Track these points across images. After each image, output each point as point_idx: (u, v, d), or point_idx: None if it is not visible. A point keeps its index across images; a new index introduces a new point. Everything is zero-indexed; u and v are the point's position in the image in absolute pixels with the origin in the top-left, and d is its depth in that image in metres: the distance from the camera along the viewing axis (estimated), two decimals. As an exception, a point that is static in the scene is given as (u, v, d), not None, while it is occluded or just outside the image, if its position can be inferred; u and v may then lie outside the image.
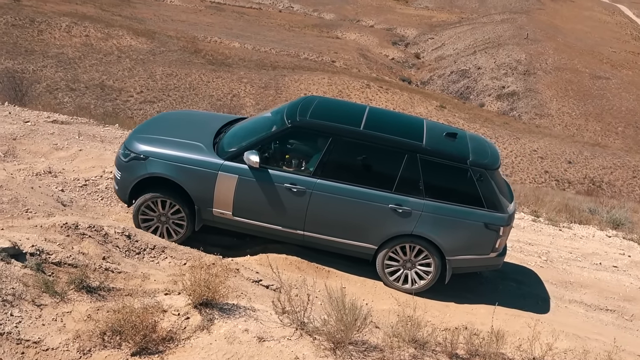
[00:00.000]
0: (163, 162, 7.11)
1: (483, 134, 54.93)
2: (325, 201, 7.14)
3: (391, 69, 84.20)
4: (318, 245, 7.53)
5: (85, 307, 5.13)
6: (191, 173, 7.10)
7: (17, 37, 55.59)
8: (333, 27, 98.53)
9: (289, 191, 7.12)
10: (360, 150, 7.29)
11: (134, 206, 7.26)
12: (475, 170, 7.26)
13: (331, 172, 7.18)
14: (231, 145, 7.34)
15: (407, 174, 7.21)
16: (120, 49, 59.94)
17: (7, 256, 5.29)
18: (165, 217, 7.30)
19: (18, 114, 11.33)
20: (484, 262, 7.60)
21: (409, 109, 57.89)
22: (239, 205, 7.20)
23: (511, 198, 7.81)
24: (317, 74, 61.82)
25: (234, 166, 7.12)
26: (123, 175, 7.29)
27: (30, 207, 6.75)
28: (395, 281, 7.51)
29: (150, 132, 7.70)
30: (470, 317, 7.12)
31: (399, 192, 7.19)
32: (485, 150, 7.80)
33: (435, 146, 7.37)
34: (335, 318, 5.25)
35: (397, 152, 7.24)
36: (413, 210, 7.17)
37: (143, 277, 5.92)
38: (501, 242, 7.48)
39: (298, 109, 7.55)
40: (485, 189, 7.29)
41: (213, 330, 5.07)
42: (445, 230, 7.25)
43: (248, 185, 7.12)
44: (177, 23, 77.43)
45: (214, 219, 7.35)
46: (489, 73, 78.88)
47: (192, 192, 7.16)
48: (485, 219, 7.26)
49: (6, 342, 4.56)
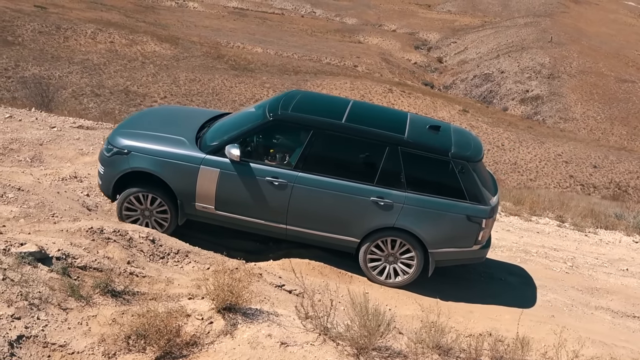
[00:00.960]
0: (145, 157, 7.12)
1: (506, 138, 54.53)
2: (306, 194, 7.14)
3: (413, 73, 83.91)
4: (301, 239, 7.51)
5: (110, 311, 5.17)
6: (173, 167, 7.10)
7: (43, 44, 56.43)
8: (355, 32, 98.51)
9: (270, 185, 7.11)
10: (341, 143, 7.29)
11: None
12: (457, 163, 7.23)
13: (312, 165, 7.18)
14: (213, 140, 7.33)
15: (389, 166, 7.20)
16: (144, 54, 60.55)
17: (34, 260, 5.37)
18: (149, 211, 7.30)
19: (44, 119, 11.49)
20: (467, 254, 7.55)
21: (432, 113, 57.65)
22: (221, 199, 7.20)
23: (495, 191, 7.78)
24: (339, 79, 61.85)
25: (215, 160, 7.12)
26: (106, 170, 7.31)
27: (57, 212, 6.84)
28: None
29: (133, 127, 7.72)
30: (494, 324, 7.05)
31: (381, 185, 7.17)
32: (468, 142, 7.75)
33: (417, 139, 7.35)
34: (359, 323, 5.23)
35: (378, 144, 7.23)
36: (395, 203, 7.14)
37: (167, 282, 5.95)
38: (484, 235, 7.42)
39: (280, 103, 7.55)
40: (467, 181, 7.25)
41: (236, 335, 5.08)
42: (427, 223, 7.23)
43: (230, 179, 7.11)
44: (200, 29, 78.03)
45: (197, 213, 7.35)
46: (512, 77, 78.24)
47: (175, 187, 7.16)
48: (467, 211, 7.22)
49: (33, 345, 4.61)
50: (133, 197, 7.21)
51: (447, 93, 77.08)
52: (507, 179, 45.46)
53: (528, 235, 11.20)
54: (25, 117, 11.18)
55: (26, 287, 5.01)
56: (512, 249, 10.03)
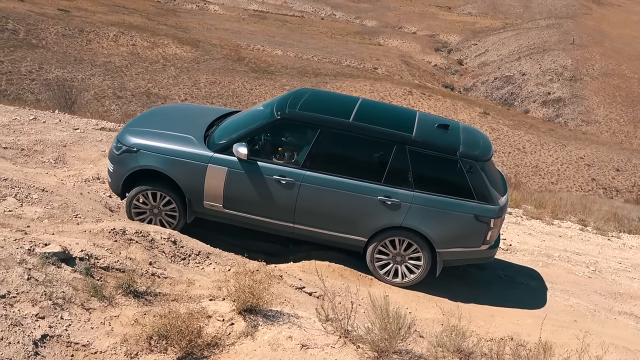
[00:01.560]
0: (154, 155, 7.15)
1: (528, 141, 54.10)
2: (314, 193, 7.13)
3: (434, 75, 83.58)
4: (309, 238, 7.50)
5: (133, 312, 5.22)
6: (181, 165, 7.13)
7: (66, 47, 57.11)
8: (375, 34, 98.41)
9: (278, 183, 7.11)
10: (348, 142, 7.28)
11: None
12: (465, 162, 7.18)
13: (320, 163, 7.16)
14: (221, 138, 7.35)
15: (396, 165, 7.17)
16: (165, 57, 61.02)
17: (57, 260, 5.43)
18: (158, 209, 7.33)
19: (68, 121, 11.62)
20: (476, 254, 7.49)
21: (452, 116, 57.33)
22: (229, 197, 7.21)
23: (504, 190, 7.72)
24: (359, 81, 61.81)
25: (223, 158, 7.13)
26: (115, 168, 7.36)
27: (80, 213, 6.92)
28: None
29: (142, 126, 7.75)
30: (516, 328, 6.99)
31: (388, 184, 7.14)
32: (477, 141, 7.69)
33: (425, 137, 7.31)
34: (379, 326, 5.22)
35: (385, 143, 7.21)
36: (402, 202, 7.11)
37: (188, 283, 5.99)
38: (492, 235, 7.35)
39: (288, 101, 7.55)
40: (476, 181, 7.20)
41: (257, 337, 5.10)
42: (435, 223, 7.18)
43: (237, 177, 7.12)
44: (220, 31, 78.45)
45: (205, 211, 7.37)
46: (533, 79, 77.62)
47: (183, 185, 7.19)
48: (475, 210, 7.17)
49: (57, 344, 4.66)
50: (142, 195, 7.24)
51: (467, 95, 76.67)
52: (529, 182, 45.06)
53: (550, 239, 11.10)
54: (49, 119, 11.32)
55: (50, 287, 5.07)
56: (533, 252, 9.94)
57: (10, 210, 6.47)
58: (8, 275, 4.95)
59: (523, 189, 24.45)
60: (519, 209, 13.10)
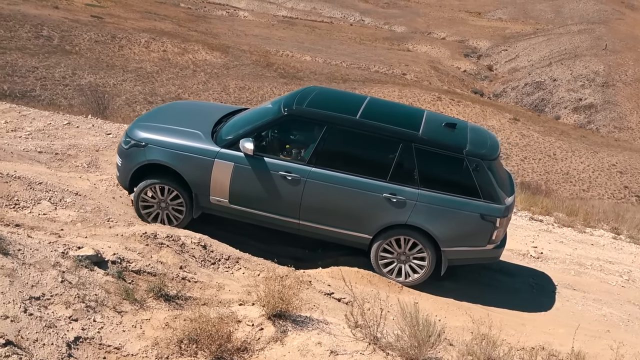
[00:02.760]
0: (161, 149, 7.21)
1: (558, 147, 53.41)
2: (319, 189, 7.14)
3: (463, 81, 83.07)
4: (314, 235, 7.51)
5: (163, 315, 5.26)
6: (188, 160, 7.18)
7: (99, 53, 58.04)
8: (404, 40, 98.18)
9: (283, 179, 7.13)
10: (354, 139, 7.29)
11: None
12: (471, 160, 7.15)
13: (326, 160, 7.18)
14: (228, 134, 7.39)
15: (402, 163, 7.18)
16: (195, 63, 61.64)
17: (90, 264, 5.50)
18: (165, 203, 7.37)
19: (100, 126, 11.80)
20: (481, 254, 7.44)
21: (481, 122, 56.89)
22: (235, 192, 7.24)
23: (511, 191, 7.67)
24: (388, 87, 61.70)
25: (230, 154, 7.16)
26: (124, 163, 7.43)
27: (112, 217, 7.01)
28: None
29: (151, 121, 7.85)
30: (547, 337, 6.90)
31: (394, 182, 7.13)
32: (484, 140, 7.68)
33: (431, 135, 7.29)
34: (409, 333, 5.19)
35: (392, 141, 7.21)
36: (407, 200, 7.10)
37: (218, 287, 6.02)
38: (498, 234, 7.29)
39: (296, 98, 7.59)
40: (482, 180, 7.16)
41: (286, 342, 5.10)
42: (440, 221, 7.15)
43: (244, 173, 7.16)
44: (250, 37, 79.02)
45: (211, 206, 7.40)
46: (565, 85, 76.68)
47: (190, 179, 7.23)
48: (481, 209, 7.12)
49: (89, 346, 4.72)
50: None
51: (497, 101, 76.02)
52: (559, 189, 44.48)
53: (582, 247, 10.93)
54: (83, 124, 11.50)
55: (83, 289, 5.14)
56: (565, 261, 9.80)
57: (44, 214, 6.59)
58: (43, 278, 5.03)
59: (554, 196, 24.15)
60: (550, 216, 12.93)
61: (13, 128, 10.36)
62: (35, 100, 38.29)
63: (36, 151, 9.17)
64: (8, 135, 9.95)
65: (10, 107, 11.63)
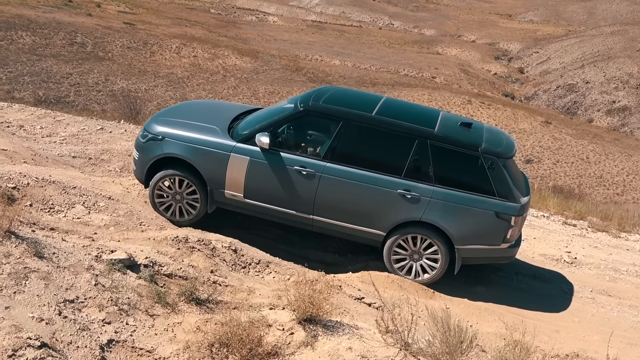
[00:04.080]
0: (178, 143, 7.27)
1: (591, 150, 52.58)
2: (334, 185, 7.13)
3: (493, 84, 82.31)
4: (327, 231, 7.48)
5: (195, 319, 5.30)
6: (204, 154, 7.23)
7: (131, 59, 58.89)
8: (433, 43, 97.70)
9: (298, 174, 7.14)
10: (370, 135, 7.28)
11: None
12: (486, 158, 7.13)
13: (341, 156, 7.18)
14: (245, 129, 7.44)
15: (417, 160, 7.15)
16: (225, 68, 62.15)
17: (123, 267, 5.57)
18: (180, 195, 7.41)
19: (132, 131, 11.94)
20: (495, 253, 7.36)
21: (512, 125, 56.34)
22: (250, 187, 7.26)
23: (527, 192, 7.60)
24: (417, 90, 61.44)
25: (245, 148, 7.20)
26: (140, 156, 7.52)
27: (144, 221, 7.08)
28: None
29: (169, 116, 7.94)
30: (582, 344, 6.77)
31: (408, 178, 7.12)
32: (500, 139, 7.66)
33: (447, 133, 7.27)
34: (440, 339, 5.13)
35: (407, 137, 7.19)
36: (422, 197, 7.06)
37: (249, 291, 6.05)
38: (513, 233, 7.21)
39: (312, 96, 7.66)
40: (497, 178, 7.12)
41: (317, 347, 5.09)
42: (455, 218, 7.10)
43: (259, 167, 7.18)
44: (279, 42, 79.41)
45: (226, 201, 7.43)
46: (598, 87, 75.50)
47: (205, 173, 7.27)
48: (496, 207, 7.07)
49: (122, 349, 4.77)
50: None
51: (528, 104, 75.17)
52: (593, 193, 43.79)
53: (617, 252, 10.71)
54: (115, 129, 11.66)
55: (116, 293, 5.20)
56: (600, 266, 9.62)
57: (78, 218, 6.69)
58: (77, 281, 5.10)
59: (587, 200, 23.76)
60: (584, 221, 12.70)
61: (48, 133, 10.55)
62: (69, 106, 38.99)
63: (70, 156, 9.32)
64: (43, 140, 10.13)
65: (45, 113, 11.85)
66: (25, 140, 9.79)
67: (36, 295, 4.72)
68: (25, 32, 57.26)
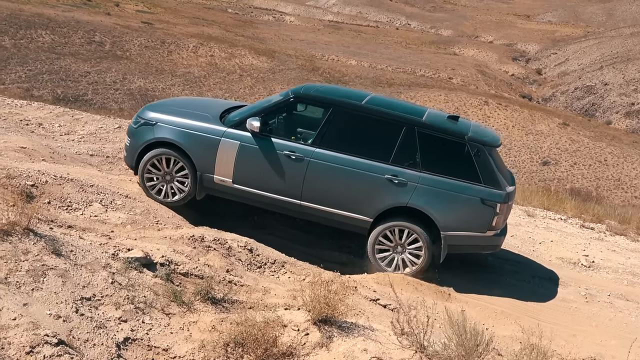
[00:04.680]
0: (170, 128, 7.44)
1: (609, 153, 52.08)
2: (322, 170, 7.25)
3: (511, 85, 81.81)
4: (315, 218, 7.55)
5: (210, 318, 5.30)
6: (195, 138, 7.37)
7: (149, 58, 59.23)
8: (450, 44, 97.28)
9: (287, 159, 7.27)
10: (359, 122, 7.45)
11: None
12: (472, 146, 7.26)
13: (330, 141, 7.32)
14: (236, 116, 7.62)
15: (405, 146, 7.31)
16: (242, 67, 62.32)
17: (139, 265, 5.59)
18: (170, 175, 7.52)
19: (150, 130, 12.00)
20: (481, 241, 7.42)
21: (529, 127, 55.95)
22: (239, 172, 7.37)
23: (512, 182, 7.73)
24: (434, 91, 61.20)
25: (236, 133, 7.35)
26: (132, 141, 7.67)
27: (160, 219, 7.11)
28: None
29: (163, 105, 8.22)
30: (599, 349, 6.70)
31: (396, 164, 7.25)
32: (485, 131, 7.95)
33: (434, 122, 7.50)
34: (456, 342, 5.10)
35: (395, 124, 7.36)
36: (409, 182, 7.20)
37: (264, 291, 6.05)
38: (498, 221, 7.29)
39: (304, 86, 8.04)
40: (483, 165, 7.27)
41: (332, 348, 5.07)
42: (441, 204, 7.22)
43: (249, 152, 7.31)
44: (296, 42, 79.48)
45: (215, 187, 7.52)
46: (617, 89, 74.76)
47: (195, 158, 7.40)
48: (481, 194, 7.19)
49: (138, 347, 4.79)
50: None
51: (546, 106, 74.61)
52: (610, 196, 43.38)
53: (636, 256, 10.59)
54: (132, 128, 11.72)
55: (132, 291, 5.22)
56: (617, 270, 9.52)
57: (95, 215, 6.73)
58: (94, 279, 5.13)
59: (605, 203, 23.51)
60: (602, 224, 12.58)
61: (66, 131, 10.63)
62: (87, 104, 39.31)
63: (88, 154, 9.39)
64: (62, 138, 10.21)
65: (64, 111, 11.94)
66: (43, 138, 9.87)
67: (54, 293, 4.75)
68: (44, 30, 57.80)
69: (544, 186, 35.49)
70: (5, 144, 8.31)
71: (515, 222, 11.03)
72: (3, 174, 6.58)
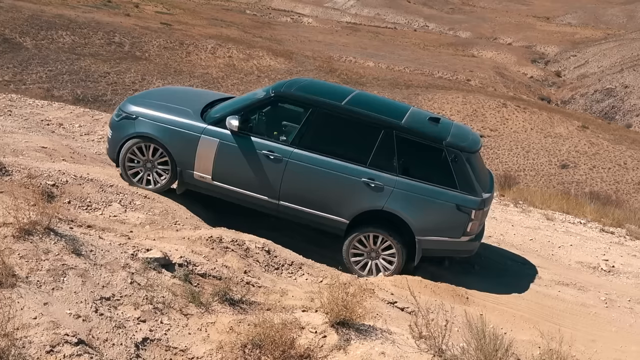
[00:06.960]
0: (150, 123, 7.45)
1: (629, 156, 51.51)
2: (300, 170, 7.26)
3: (529, 87, 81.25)
4: (293, 217, 7.56)
5: (228, 319, 5.31)
6: (175, 134, 7.39)
7: (167, 59, 59.59)
8: (469, 46, 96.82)
9: (266, 158, 7.27)
10: (338, 124, 7.39)
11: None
12: (450, 151, 7.23)
13: (308, 142, 7.30)
14: (216, 113, 7.60)
15: (383, 150, 7.27)
16: (259, 68, 62.49)
17: (158, 266, 5.62)
18: (151, 162, 7.56)
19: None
20: (455, 246, 7.43)
21: (548, 129, 55.52)
22: (218, 169, 7.39)
23: (490, 189, 7.71)
24: (451, 93, 60.94)
25: (216, 131, 7.35)
26: (114, 134, 7.69)
27: (179, 220, 7.14)
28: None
29: (145, 98, 8.17)
30: (619, 355, 6.63)
31: (373, 167, 7.23)
32: (465, 135, 7.80)
33: (413, 125, 7.41)
34: (475, 347, 5.06)
35: (374, 127, 7.31)
36: (385, 186, 7.19)
37: (281, 293, 6.05)
38: (473, 226, 7.30)
39: (286, 83, 7.91)
40: (459, 171, 7.25)
41: (349, 351, 5.06)
42: (416, 208, 7.22)
43: (228, 150, 7.32)
44: (314, 43, 79.54)
45: (194, 182, 7.55)
46: (637, 92, 73.97)
47: (175, 154, 7.43)
48: (456, 200, 7.18)
49: (156, 348, 4.81)
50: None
51: (565, 108, 74.00)
52: (630, 200, 42.82)
53: (657, 261, 10.46)
54: (151, 129, 11.78)
55: (151, 291, 5.25)
56: (638, 275, 9.40)
57: (115, 216, 6.77)
58: (113, 279, 5.16)
59: (625, 207, 23.23)
60: (622, 228, 12.44)
61: (86, 132, 10.72)
62: (106, 105, 39.59)
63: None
64: (82, 138, 10.30)
65: (84, 112, 12.05)
66: (64, 138, 9.97)
67: (74, 292, 4.78)
68: (65, 31, 58.37)
69: (563, 189, 35.20)
70: (26, 144, 8.40)
71: (534, 225, 10.95)
72: (24, 174, 6.65)
